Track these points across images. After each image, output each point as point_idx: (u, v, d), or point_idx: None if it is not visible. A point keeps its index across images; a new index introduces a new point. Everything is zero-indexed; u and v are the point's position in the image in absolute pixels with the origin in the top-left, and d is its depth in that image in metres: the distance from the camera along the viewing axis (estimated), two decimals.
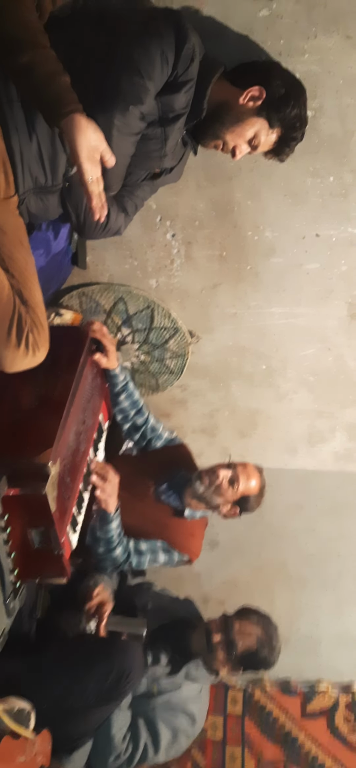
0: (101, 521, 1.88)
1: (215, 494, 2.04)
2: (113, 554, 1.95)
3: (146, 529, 2.06)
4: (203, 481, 2.04)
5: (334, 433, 2.73)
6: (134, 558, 2.01)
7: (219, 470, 2.05)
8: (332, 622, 2.74)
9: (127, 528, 1.98)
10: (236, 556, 2.79)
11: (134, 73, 1.38)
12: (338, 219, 2.07)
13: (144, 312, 2.34)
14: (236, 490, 2.04)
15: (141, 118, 1.45)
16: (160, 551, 2.07)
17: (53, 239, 1.82)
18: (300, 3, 1.67)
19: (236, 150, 1.64)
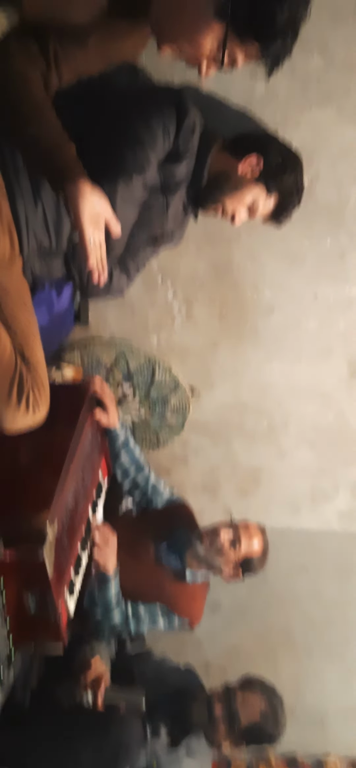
0: (99, 584, 1.84)
1: (216, 556, 1.99)
2: (111, 619, 1.89)
3: (145, 592, 2.01)
4: (204, 542, 2.00)
5: (338, 491, 2.69)
6: (132, 623, 1.95)
7: (220, 531, 2.01)
8: (339, 693, 2.64)
9: (125, 591, 1.93)
10: (238, 621, 2.71)
11: (137, 145, 1.44)
12: (336, 280, 2.11)
13: (145, 368, 2.36)
14: (238, 552, 2.00)
15: (144, 187, 1.50)
16: (159, 616, 2.02)
17: (56, 298, 1.85)
18: (295, 79, 1.75)
19: (235, 216, 1.69)
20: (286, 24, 1.14)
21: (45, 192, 1.40)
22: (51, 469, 1.50)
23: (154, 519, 2.13)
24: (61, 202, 1.42)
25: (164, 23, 1.20)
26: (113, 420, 1.92)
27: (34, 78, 1.30)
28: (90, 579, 1.83)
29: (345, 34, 1.67)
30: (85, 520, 1.73)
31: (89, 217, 1.27)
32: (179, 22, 1.18)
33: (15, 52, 1.27)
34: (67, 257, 1.54)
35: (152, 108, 1.48)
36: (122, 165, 1.45)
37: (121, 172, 1.45)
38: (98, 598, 1.86)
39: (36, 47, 1.29)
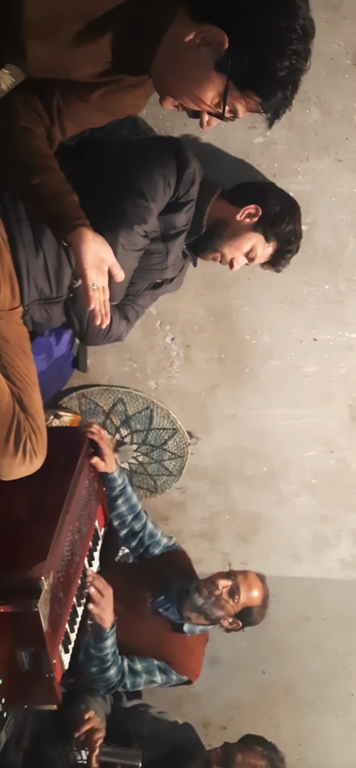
0: (96, 638, 1.78)
1: (214, 607, 1.94)
2: (107, 674, 1.83)
3: (142, 646, 1.95)
4: (202, 592, 1.95)
5: (340, 538, 2.65)
6: (128, 679, 1.89)
7: (218, 581, 1.97)
8: (343, 751, 2.55)
9: (121, 644, 1.87)
10: (238, 675, 2.63)
11: (138, 196, 1.46)
12: (335, 324, 2.12)
13: (143, 413, 2.34)
14: (237, 602, 1.95)
15: (144, 236, 1.52)
16: (157, 671, 1.95)
17: (55, 344, 1.85)
18: (292, 131, 1.79)
19: (233, 262, 1.71)
20: (286, 77, 1.15)
21: (46, 241, 1.41)
22: (47, 519, 1.47)
23: (151, 569, 2.08)
24: (61, 251, 1.43)
25: (165, 78, 1.22)
26: (110, 465, 1.90)
27: (38, 132, 1.32)
28: (86, 633, 1.77)
29: (341, 88, 1.71)
30: (81, 571, 1.68)
31: (91, 263, 1.27)
32: (180, 76, 1.20)
33: (19, 107, 1.29)
34: (68, 305, 1.54)
35: (153, 159, 1.50)
36: (124, 215, 1.46)
37: (122, 221, 1.46)
38: (94, 654, 1.80)
39: (39, 103, 1.31)
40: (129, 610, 1.97)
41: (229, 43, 1.11)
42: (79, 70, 1.25)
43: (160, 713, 2.10)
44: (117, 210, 1.46)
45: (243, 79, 1.15)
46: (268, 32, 1.10)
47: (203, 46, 1.14)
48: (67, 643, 1.51)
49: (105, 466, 1.88)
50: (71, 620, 1.56)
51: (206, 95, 1.19)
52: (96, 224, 1.29)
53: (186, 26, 1.14)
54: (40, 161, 1.30)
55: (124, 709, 2.09)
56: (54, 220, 1.30)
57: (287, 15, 1.10)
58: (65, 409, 2.31)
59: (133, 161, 1.50)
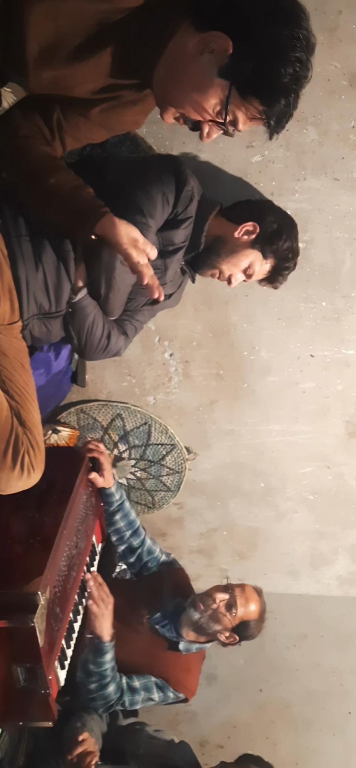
0: (95, 653, 1.76)
1: (211, 620, 1.93)
2: (106, 691, 1.81)
3: (138, 664, 1.93)
4: (198, 606, 1.94)
5: (337, 555, 2.64)
6: (127, 697, 1.87)
7: (216, 594, 1.96)
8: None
9: (118, 662, 1.85)
10: (235, 693, 2.61)
11: (137, 212, 1.48)
12: (331, 341, 2.13)
13: (141, 428, 2.34)
14: (234, 616, 1.94)
15: None
16: (154, 688, 1.94)
17: (54, 359, 1.85)
18: (290, 150, 1.81)
19: (231, 278, 1.73)
20: (289, 84, 1.16)
21: (46, 256, 1.43)
22: (44, 535, 1.47)
23: (148, 585, 2.07)
24: (61, 266, 1.44)
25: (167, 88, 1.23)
26: (108, 480, 1.90)
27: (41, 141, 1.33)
28: (83, 648, 1.76)
29: (338, 108, 1.74)
30: (78, 587, 1.67)
31: (129, 242, 1.27)
32: (183, 84, 1.20)
33: (20, 122, 1.31)
34: (66, 320, 1.55)
35: (152, 177, 1.52)
36: None
37: None
38: (93, 669, 1.78)
39: (40, 118, 1.33)
40: (126, 626, 1.95)
41: (233, 48, 1.13)
42: (81, 87, 1.26)
43: (156, 731, 2.07)
44: None
45: (247, 85, 1.16)
46: (272, 39, 1.12)
47: (207, 53, 1.16)
48: (63, 659, 1.50)
49: (103, 482, 1.88)
50: (68, 636, 1.55)
51: (209, 102, 1.19)
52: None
53: (190, 36, 1.16)
54: (50, 162, 1.32)
55: (120, 727, 2.06)
56: (78, 215, 1.30)
57: (291, 24, 1.12)
58: (64, 424, 2.31)
59: (132, 179, 1.52)
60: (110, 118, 1.37)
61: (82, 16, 1.17)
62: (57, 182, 1.29)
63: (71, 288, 1.48)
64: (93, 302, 1.56)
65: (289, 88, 1.16)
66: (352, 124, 1.77)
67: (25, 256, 1.40)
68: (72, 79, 1.24)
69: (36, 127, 1.32)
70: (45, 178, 1.29)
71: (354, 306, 2.04)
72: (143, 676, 1.92)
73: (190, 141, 1.81)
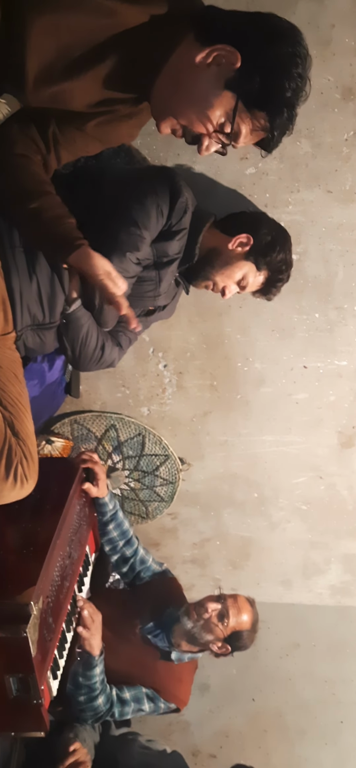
0: (84, 666, 1.76)
1: (203, 630, 1.93)
2: (95, 703, 1.81)
3: (130, 674, 1.93)
4: (191, 616, 1.94)
5: (329, 564, 2.65)
6: (116, 708, 1.87)
7: (208, 604, 1.96)
8: None
9: (109, 671, 1.85)
10: (228, 703, 2.60)
11: (131, 224, 1.49)
12: (324, 352, 2.14)
13: (135, 439, 2.35)
14: (226, 626, 1.94)
15: (137, 263, 1.54)
16: (145, 699, 1.93)
17: (48, 370, 1.86)
18: (283, 162, 1.83)
19: (225, 290, 1.74)
20: (291, 98, 1.21)
21: (40, 268, 1.43)
22: (37, 545, 1.47)
23: (141, 595, 2.07)
24: (55, 278, 1.45)
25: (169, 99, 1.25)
26: (102, 490, 1.90)
27: (35, 159, 1.35)
28: (74, 661, 1.75)
29: (331, 121, 1.76)
30: (71, 597, 1.67)
31: (104, 274, 1.32)
32: (187, 96, 1.23)
33: (16, 136, 1.32)
34: (60, 331, 1.56)
35: (147, 188, 1.53)
36: (117, 243, 1.49)
37: (115, 249, 1.48)
38: (82, 682, 1.78)
39: (36, 131, 1.34)
40: (118, 636, 1.95)
41: (241, 62, 1.17)
42: (79, 101, 1.28)
43: (149, 741, 2.07)
44: (110, 238, 1.48)
45: (253, 99, 1.21)
46: (277, 56, 1.19)
47: (214, 65, 1.19)
48: (55, 669, 1.50)
49: (97, 491, 1.88)
50: (60, 646, 1.55)
51: (214, 113, 1.23)
52: None
53: (196, 48, 1.19)
54: (37, 187, 1.33)
55: (112, 738, 2.05)
56: (55, 243, 1.33)
57: (292, 42, 1.20)
58: (57, 434, 2.31)
59: (126, 190, 1.53)
60: (106, 131, 1.38)
61: (83, 30, 1.19)
62: (40, 207, 1.32)
63: (65, 299, 1.49)
64: (87, 313, 1.56)
65: (292, 101, 1.23)
66: (345, 136, 1.79)
67: (19, 267, 1.41)
68: (71, 93, 1.25)
69: (32, 142, 1.34)
70: (30, 200, 1.31)
71: (347, 317, 2.06)
72: (134, 687, 1.92)
73: (184, 153, 1.82)
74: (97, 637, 1.75)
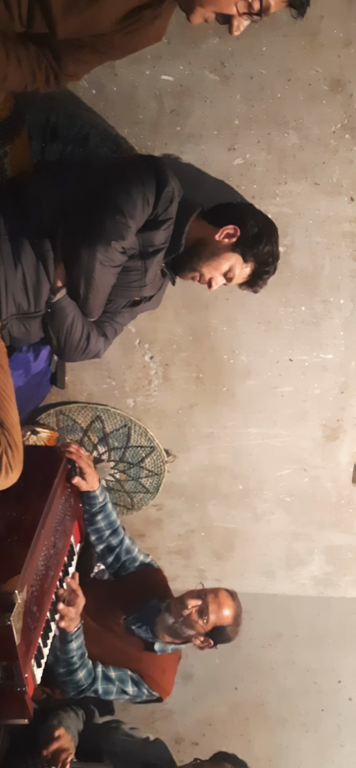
0: (61, 641, 1.77)
1: (184, 626, 1.93)
2: (75, 677, 1.83)
3: (115, 661, 1.94)
4: (172, 612, 1.94)
5: (312, 556, 2.68)
6: (101, 685, 1.88)
7: (188, 600, 1.95)
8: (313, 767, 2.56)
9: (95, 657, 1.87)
10: (211, 691, 2.63)
11: (116, 212, 1.48)
12: (310, 345, 2.16)
13: (121, 430, 2.34)
14: (206, 622, 1.94)
15: (123, 253, 1.53)
16: (129, 682, 1.95)
17: (33, 360, 1.84)
18: (271, 154, 1.83)
19: (212, 282, 1.73)
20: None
21: (25, 256, 1.42)
22: (22, 534, 1.46)
23: (126, 586, 2.07)
24: (40, 266, 1.44)
25: None
26: (92, 483, 1.89)
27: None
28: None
29: (319, 113, 1.76)
30: (55, 586, 1.67)
31: None
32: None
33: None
34: (45, 320, 1.55)
35: (133, 177, 1.52)
36: (102, 231, 1.48)
37: (101, 238, 1.47)
38: (60, 656, 1.79)
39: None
40: (102, 626, 1.96)
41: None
42: (106, 21, 1.26)
43: (132, 729, 2.08)
44: (96, 226, 1.47)
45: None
46: None
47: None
48: (39, 657, 1.51)
49: (87, 485, 1.88)
50: (44, 635, 1.55)
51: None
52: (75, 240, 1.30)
53: None
54: None
55: (96, 725, 2.06)
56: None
57: None
58: (43, 425, 2.30)
59: (113, 179, 1.52)
60: (133, 40, 1.37)
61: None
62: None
63: (50, 288, 1.48)
64: (72, 303, 1.55)
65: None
66: (333, 129, 1.79)
67: (4, 255, 1.39)
68: (98, 17, 1.24)
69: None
70: None
71: (333, 311, 2.08)
72: (120, 669, 1.94)
73: (172, 142, 1.82)
74: (75, 620, 1.75)
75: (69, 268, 1.50)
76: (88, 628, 1.81)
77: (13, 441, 1.41)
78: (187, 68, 1.74)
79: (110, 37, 1.33)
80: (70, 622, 1.73)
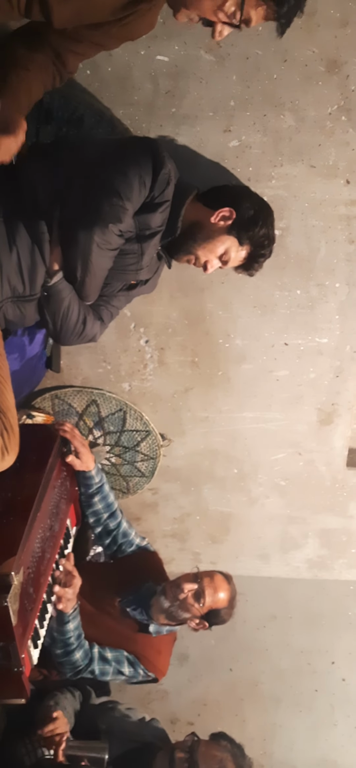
0: (58, 621, 1.78)
1: (180, 609, 1.94)
2: (72, 658, 1.84)
3: (110, 642, 1.96)
4: (168, 595, 1.95)
5: (307, 539, 2.70)
6: (97, 665, 1.90)
7: (184, 584, 1.96)
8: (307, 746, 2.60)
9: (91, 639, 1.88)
10: (206, 672, 2.65)
11: (113, 195, 1.47)
12: (305, 329, 2.16)
13: (116, 415, 2.35)
14: (202, 606, 1.95)
15: (119, 235, 1.52)
16: (125, 662, 1.97)
17: (28, 344, 1.84)
18: (267, 135, 1.82)
19: (207, 265, 1.73)
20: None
21: (20, 239, 1.41)
22: (18, 516, 1.47)
23: (122, 569, 2.09)
24: (35, 249, 1.43)
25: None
26: (87, 463, 1.90)
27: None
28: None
29: (315, 94, 1.75)
30: (51, 568, 1.68)
31: None
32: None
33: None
34: (41, 303, 1.54)
35: (129, 159, 1.51)
36: (99, 214, 1.47)
37: (97, 220, 1.47)
38: (57, 637, 1.80)
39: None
40: (99, 609, 1.97)
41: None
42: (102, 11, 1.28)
43: (128, 709, 2.10)
44: (93, 209, 1.46)
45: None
46: None
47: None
48: (36, 638, 1.52)
49: (81, 464, 1.88)
50: (41, 616, 1.57)
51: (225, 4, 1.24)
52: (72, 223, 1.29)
53: None
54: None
55: (93, 706, 2.09)
56: None
57: None
58: (38, 409, 2.29)
59: (109, 161, 1.51)
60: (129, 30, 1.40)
61: None
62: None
63: (46, 271, 1.47)
64: (69, 286, 1.55)
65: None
66: (329, 110, 1.78)
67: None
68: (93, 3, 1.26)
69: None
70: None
71: (328, 294, 2.08)
72: (116, 650, 1.96)
73: (167, 124, 1.81)
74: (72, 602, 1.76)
75: (66, 251, 1.49)
76: (84, 610, 1.82)
77: (9, 424, 1.41)
78: (182, 48, 1.72)
79: (107, 29, 1.34)
80: (68, 603, 1.74)
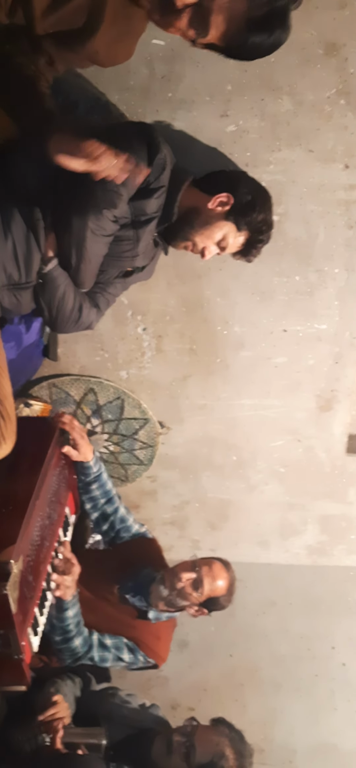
0: (57, 609, 1.79)
1: (179, 597, 1.94)
2: (72, 645, 1.85)
3: (110, 629, 1.97)
4: (166, 584, 1.95)
5: (306, 525, 2.71)
6: (96, 652, 1.91)
7: (182, 573, 1.96)
8: (307, 731, 2.62)
9: (91, 626, 1.88)
10: (206, 658, 2.67)
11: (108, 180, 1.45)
12: (304, 316, 2.15)
13: (114, 403, 2.34)
14: (201, 594, 1.95)
15: (114, 221, 1.51)
16: (125, 649, 1.98)
17: (25, 332, 1.83)
18: (265, 120, 1.80)
19: (205, 251, 1.72)
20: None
21: (15, 225, 1.40)
22: (17, 504, 1.47)
23: (121, 556, 2.09)
24: (31, 236, 1.42)
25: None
26: (85, 454, 1.89)
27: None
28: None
29: (313, 77, 1.73)
30: (51, 556, 1.69)
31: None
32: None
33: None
34: (37, 291, 1.53)
35: (124, 144, 1.48)
36: (93, 200, 1.45)
37: (92, 206, 1.45)
38: (56, 624, 1.81)
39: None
40: (97, 596, 1.98)
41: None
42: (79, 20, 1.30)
43: (128, 695, 2.12)
44: (87, 195, 1.45)
45: None
46: None
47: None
48: (36, 626, 1.53)
49: (78, 455, 1.88)
50: (41, 604, 1.57)
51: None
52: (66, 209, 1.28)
53: None
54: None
55: (93, 692, 2.10)
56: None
57: None
58: (35, 398, 2.29)
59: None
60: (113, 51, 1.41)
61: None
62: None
63: (41, 258, 1.46)
64: (64, 273, 1.54)
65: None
66: (327, 94, 1.76)
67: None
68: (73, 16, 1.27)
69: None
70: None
71: (327, 280, 2.07)
72: (116, 636, 1.97)
73: (163, 109, 1.79)
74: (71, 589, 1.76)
75: (60, 238, 1.48)
76: (83, 597, 1.82)
77: (6, 412, 1.41)
78: None
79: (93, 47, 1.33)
80: (67, 590, 1.75)
